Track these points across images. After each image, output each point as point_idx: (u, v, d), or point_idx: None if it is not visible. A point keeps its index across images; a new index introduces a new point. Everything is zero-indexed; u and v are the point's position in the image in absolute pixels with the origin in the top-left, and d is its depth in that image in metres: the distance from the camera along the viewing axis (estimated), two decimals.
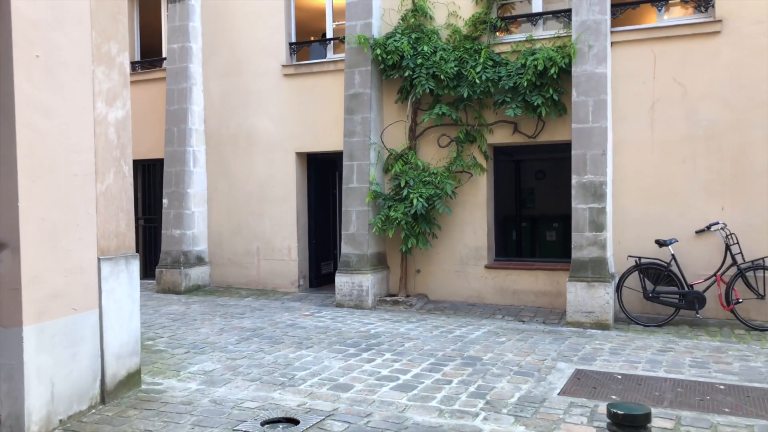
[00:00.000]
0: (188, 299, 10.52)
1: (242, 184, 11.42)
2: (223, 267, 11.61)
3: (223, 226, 11.60)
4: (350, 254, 9.85)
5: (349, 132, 10.00)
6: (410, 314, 9.22)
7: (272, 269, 11.21)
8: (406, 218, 9.27)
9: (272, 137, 11.19)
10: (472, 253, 9.83)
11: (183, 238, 11.22)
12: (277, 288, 11.17)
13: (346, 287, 9.74)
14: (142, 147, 12.20)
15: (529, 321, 8.77)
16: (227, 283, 11.58)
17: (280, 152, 11.12)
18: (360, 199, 9.84)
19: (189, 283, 11.18)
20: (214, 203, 11.69)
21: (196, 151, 11.50)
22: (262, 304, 10.03)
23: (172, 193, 11.38)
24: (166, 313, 9.22)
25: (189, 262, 11.25)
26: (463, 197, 9.79)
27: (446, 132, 9.80)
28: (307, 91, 10.91)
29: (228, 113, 11.53)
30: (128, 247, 5.59)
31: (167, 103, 11.55)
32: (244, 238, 11.41)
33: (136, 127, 12.71)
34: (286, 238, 11.09)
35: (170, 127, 11.49)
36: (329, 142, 10.71)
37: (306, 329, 8.10)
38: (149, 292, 11.22)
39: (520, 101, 9.16)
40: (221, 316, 9.00)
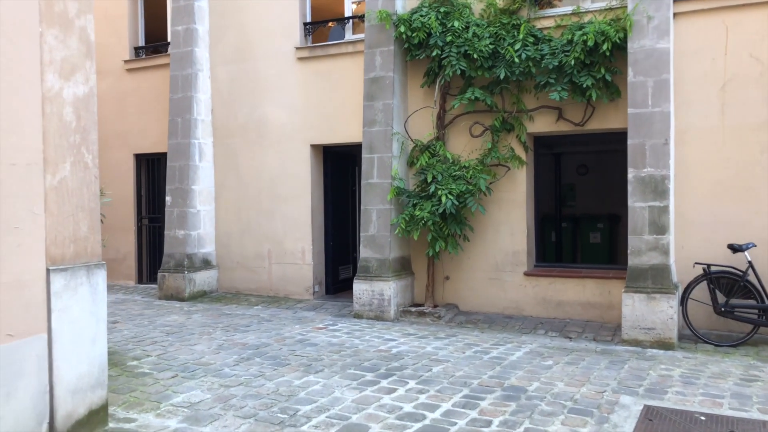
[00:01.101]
0: (191, 307, 9.48)
1: (252, 179, 10.36)
2: (232, 271, 10.56)
3: (232, 227, 10.55)
4: (370, 259, 8.72)
5: (369, 121, 8.86)
6: (438, 328, 8.06)
7: (285, 274, 10.12)
8: (433, 218, 8.11)
9: (285, 128, 10.10)
10: (509, 258, 8.62)
11: (187, 239, 10.19)
12: (290, 295, 10.08)
13: (365, 296, 8.61)
14: (146, 140, 11.23)
15: (577, 338, 7.55)
16: (236, 289, 10.53)
17: (293, 144, 10.03)
18: (381, 196, 8.70)
19: (194, 289, 10.15)
20: (222, 201, 10.65)
21: (202, 143, 10.46)
22: (271, 314, 8.94)
23: (175, 189, 10.36)
24: (162, 324, 8.19)
25: (194, 266, 10.22)
26: (498, 194, 8.59)
27: (479, 120, 8.61)
28: (323, 76, 9.79)
29: (237, 102, 10.47)
30: (91, 255, 4.52)
31: (171, 91, 10.53)
32: (255, 240, 10.34)
33: (139, 118, 11.88)
34: (299, 240, 9.99)
35: (174, 118, 10.47)
36: (348, 133, 9.58)
37: (317, 347, 6.98)
38: (151, 299, 10.22)
39: (566, 83, 7.93)
40: (223, 328, 7.93)
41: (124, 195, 11.61)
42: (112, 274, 11.75)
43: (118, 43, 11.65)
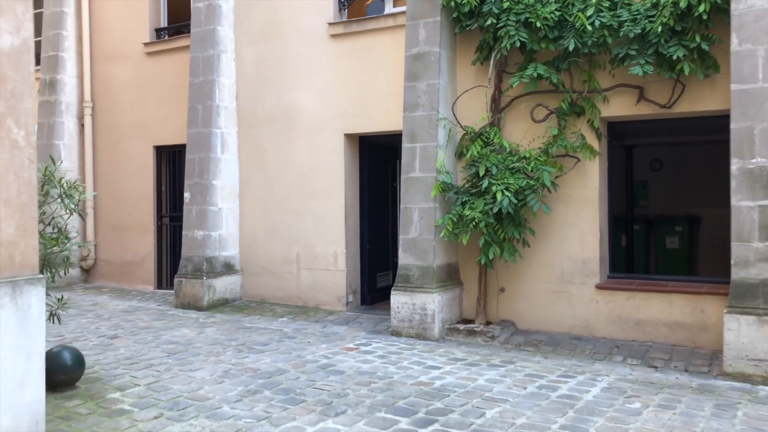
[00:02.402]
0: (207, 319, 8.34)
1: (280, 174, 9.16)
2: (257, 277, 9.40)
3: (257, 227, 9.38)
4: (410, 266, 7.40)
5: (411, 104, 7.54)
6: (491, 351, 6.69)
7: (315, 281, 8.89)
8: (486, 219, 6.75)
9: (316, 115, 8.87)
10: (577, 267, 7.18)
11: (207, 241, 9.06)
12: (321, 305, 8.84)
13: (405, 310, 7.30)
14: (166, 130, 10.19)
15: (663, 367, 6.09)
16: (261, 297, 9.35)
17: (325, 134, 8.79)
18: (424, 192, 7.37)
19: (213, 297, 9.02)
20: (246, 198, 9.49)
21: (224, 133, 9.33)
22: (296, 329, 7.72)
23: (194, 185, 9.25)
24: (167, 341, 7.05)
25: (214, 271, 9.09)
26: (565, 190, 7.16)
27: (543, 101, 7.19)
28: (360, 55, 8.52)
29: (264, 86, 9.30)
30: (20, 267, 3.36)
31: (191, 75, 9.43)
32: (282, 242, 9.15)
33: (160, 106, 10.47)
34: (331, 243, 8.74)
35: (194, 105, 9.36)
36: (387, 121, 8.29)
37: (343, 376, 5.70)
38: (166, 308, 9.13)
39: (650, 55, 6.45)
40: (236, 347, 6.74)
41: (142, 191, 10.60)
42: (130, 278, 10.76)
43: (138, 24, 10.64)
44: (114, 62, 10.95)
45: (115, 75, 10.93)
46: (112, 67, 10.96)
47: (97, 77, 11.14)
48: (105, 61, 11.07)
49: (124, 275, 10.86)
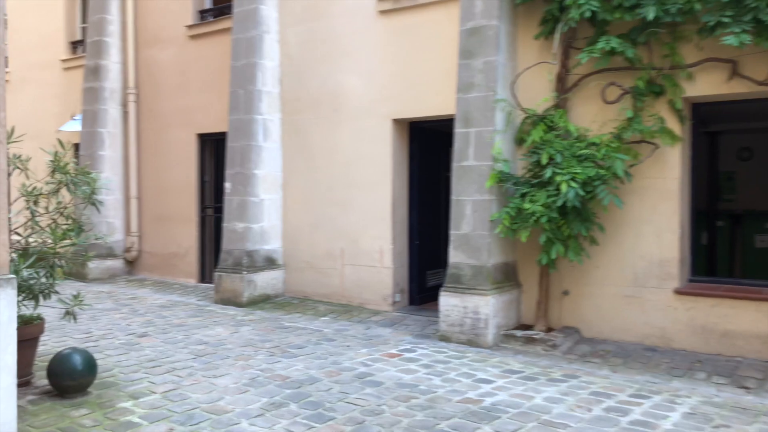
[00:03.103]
0: (245, 316, 7.83)
1: (324, 163, 8.56)
2: (301, 272, 8.84)
3: (301, 219, 8.82)
4: (461, 265, 6.66)
5: (465, 84, 6.79)
6: (552, 362, 5.90)
7: (359, 278, 8.26)
8: (548, 213, 5.96)
9: (362, 99, 8.21)
10: (653, 268, 6.29)
11: (248, 233, 8.55)
12: (365, 304, 8.21)
13: (455, 313, 6.58)
14: (210, 117, 9.75)
15: (757, 389, 5.18)
16: (304, 294, 8.79)
17: (372, 120, 8.13)
18: (478, 183, 6.62)
19: (254, 293, 8.50)
20: (289, 189, 8.94)
21: (267, 120, 8.79)
22: (337, 330, 7.11)
23: (235, 174, 8.75)
24: (198, 341, 6.55)
25: (255, 266, 8.57)
26: (641, 181, 6.28)
27: (616, 80, 6.32)
28: (410, 32, 7.81)
29: (308, 69, 8.70)
30: None
31: (232, 58, 8.92)
32: (325, 236, 8.55)
33: (202, 92, 9.88)
34: (377, 238, 8.09)
35: (235, 89, 8.85)
36: (439, 104, 7.56)
37: (380, 388, 5.04)
38: (205, 303, 8.68)
39: (748, 22, 5.50)
40: (269, 350, 6.17)
41: (185, 181, 10.20)
42: (173, 270, 10.41)
43: (182, 6, 10.22)
44: (157, 47, 10.58)
45: (159, 60, 10.57)
46: (156, 51, 10.60)
47: (141, 62, 10.80)
48: (149, 45, 10.72)
49: (168, 268, 10.52)
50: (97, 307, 8.27)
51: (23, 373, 4.87)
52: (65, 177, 4.82)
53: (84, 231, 5.12)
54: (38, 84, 12.61)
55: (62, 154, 4.89)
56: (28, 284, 4.77)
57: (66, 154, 4.92)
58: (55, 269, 4.85)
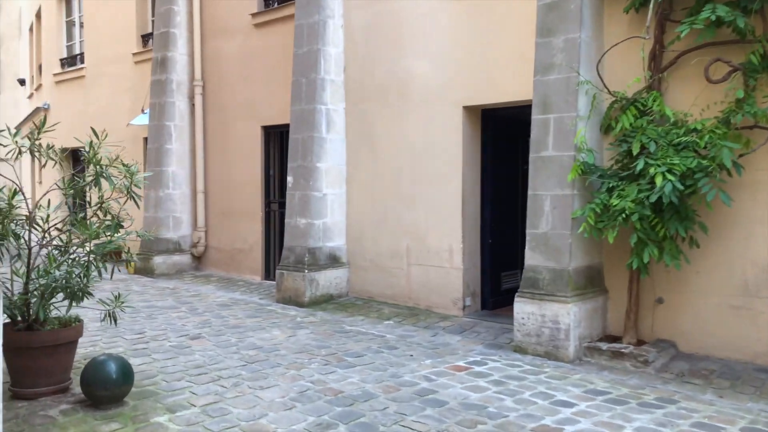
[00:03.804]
0: (305, 317, 7.39)
1: (390, 155, 8.01)
2: (365, 272, 8.33)
3: (366, 215, 8.30)
4: (539, 268, 5.95)
5: (544, 65, 6.05)
6: (643, 380, 5.12)
7: (427, 279, 7.67)
8: (640, 210, 5.17)
9: (430, 85, 7.60)
10: (766, 275, 5.38)
11: (310, 230, 8.12)
12: (433, 308, 7.60)
13: (532, 322, 5.88)
14: (274, 108, 9.38)
15: None
16: (369, 294, 8.28)
17: (441, 107, 7.50)
18: (558, 176, 5.88)
19: (316, 293, 8.06)
20: (354, 183, 8.44)
21: (331, 110, 8.31)
22: (400, 336, 6.55)
23: (297, 168, 8.33)
24: (251, 345, 6.14)
25: (317, 264, 8.13)
26: (753, 174, 5.37)
27: (723, 55, 5.42)
28: (483, 10, 7.12)
29: (374, 55, 8.16)
30: None
31: (295, 45, 8.49)
32: (391, 233, 8.00)
33: (267, 83, 9.45)
34: (446, 235, 7.46)
35: (297, 78, 8.42)
36: (515, 89, 6.84)
37: (442, 409, 4.44)
38: (267, 302, 8.32)
39: None
40: (324, 358, 5.68)
41: (251, 175, 9.89)
42: (238, 267, 10.14)
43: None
44: (223, 37, 10.31)
45: (224, 50, 10.30)
46: (221, 42, 10.34)
47: (208, 53, 10.58)
48: (215, 35, 10.47)
49: (233, 264, 10.26)
50: (157, 304, 8.05)
51: (60, 379, 4.58)
52: (99, 169, 4.45)
53: (122, 227, 4.76)
54: (112, 79, 12.67)
55: (97, 144, 4.52)
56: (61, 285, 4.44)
57: (100, 144, 4.53)
58: (90, 268, 4.50)
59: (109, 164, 4.49)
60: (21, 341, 4.41)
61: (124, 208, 4.78)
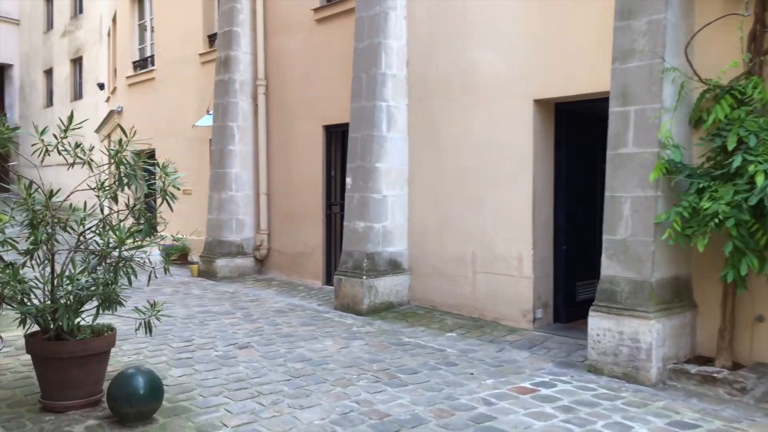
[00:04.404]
0: (362, 327, 6.97)
1: (454, 154, 7.48)
2: (427, 278, 7.84)
3: (428, 219, 7.81)
4: (616, 279, 5.29)
5: (623, 51, 5.38)
6: (740, 412, 4.41)
7: (493, 288, 7.09)
8: (737, 214, 4.45)
9: (498, 78, 7.02)
10: None
11: (369, 233, 7.70)
12: (500, 319, 7.02)
13: (608, 340, 5.23)
14: (336, 107, 9.03)
15: None
16: (431, 303, 7.78)
17: (509, 102, 6.92)
18: (639, 175, 5.20)
19: (375, 300, 7.63)
20: (416, 184, 7.96)
21: (392, 107, 7.86)
22: (462, 351, 6.01)
23: (356, 168, 7.93)
24: (300, 356, 5.75)
25: (376, 269, 7.70)
26: None
27: None
28: None
29: (438, 47, 7.66)
30: None
31: (355, 39, 8.11)
32: (455, 238, 7.47)
33: (329, 80, 9.07)
34: (515, 241, 6.87)
35: (357, 74, 8.03)
36: (592, 80, 6.18)
37: None
38: (325, 308, 7.96)
39: None
40: (375, 374, 5.23)
41: (312, 176, 9.58)
42: (299, 270, 9.85)
43: None
44: (285, 34, 10.06)
45: (286, 48, 10.04)
46: (284, 39, 10.09)
47: (270, 52, 10.36)
48: (277, 33, 10.24)
49: (295, 267, 9.98)
50: (213, 309, 7.83)
51: (90, 392, 4.32)
52: (125, 168, 4.16)
53: (156, 231, 4.46)
54: (179, 80, 12.71)
55: (125, 143, 4.23)
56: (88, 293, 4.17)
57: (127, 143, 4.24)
58: (119, 273, 4.21)
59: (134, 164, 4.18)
60: (49, 351, 4.18)
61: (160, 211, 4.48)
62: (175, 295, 8.80)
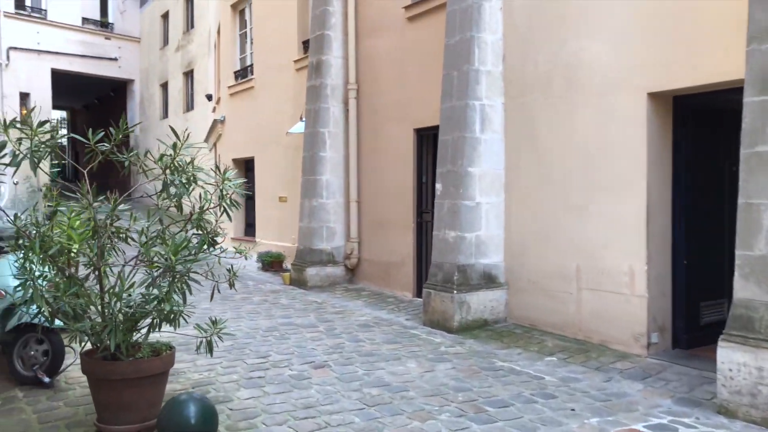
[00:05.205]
0: (451, 347, 6.34)
1: (556, 157, 6.72)
2: (525, 294, 7.10)
3: (526, 228, 7.07)
4: (754, 304, 4.37)
5: (762, 29, 4.47)
6: None
7: (601, 308, 6.25)
8: None
9: (606, 70, 6.21)
10: None
11: (460, 244, 7.07)
12: (609, 342, 6.17)
13: (743, 376, 4.33)
14: (427, 109, 8.49)
15: None
16: (530, 321, 7.03)
17: (619, 96, 6.09)
18: None
19: (467, 317, 6.99)
20: (513, 190, 7.25)
21: (486, 106, 7.21)
22: (563, 380, 5.26)
23: (446, 173, 7.33)
24: (378, 380, 5.22)
25: (468, 283, 7.06)
26: None
27: None
28: None
29: (537, 39, 6.93)
30: None
31: (446, 35, 7.52)
32: (557, 250, 6.69)
33: (420, 81, 8.55)
34: (626, 255, 6.01)
35: (448, 72, 7.44)
36: (722, 67, 5.25)
37: None
38: (413, 324, 7.41)
39: None
40: (460, 405, 4.60)
41: (402, 182, 9.07)
42: (390, 281, 9.37)
43: None
44: (376, 35, 9.63)
45: (377, 50, 9.61)
46: (375, 41, 9.66)
47: (362, 54, 9.96)
48: (369, 35, 9.83)
49: (385, 278, 9.50)
50: (296, 322, 7.47)
51: (146, 416, 3.99)
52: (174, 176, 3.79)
53: (216, 242, 4.08)
54: (276, 88, 12.62)
55: (179, 146, 3.87)
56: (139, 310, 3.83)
57: (180, 146, 3.87)
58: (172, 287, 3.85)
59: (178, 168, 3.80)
60: (101, 372, 3.89)
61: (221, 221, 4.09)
62: (262, 305, 8.55)
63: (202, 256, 3.96)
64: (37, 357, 4.89)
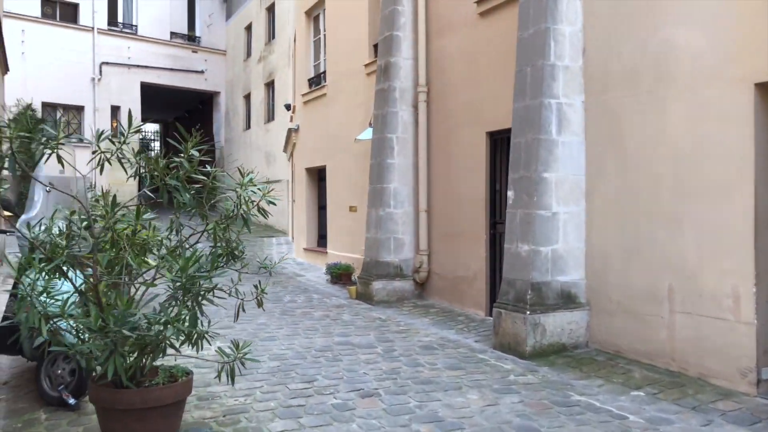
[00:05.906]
0: (520, 375, 5.62)
1: (645, 160, 5.88)
2: (609, 316, 6.27)
3: (611, 241, 6.25)
4: None
5: None
6: None
7: (698, 335, 5.36)
8: None
9: (700, 59, 5.35)
10: None
11: (534, 259, 6.33)
12: (708, 376, 5.27)
13: None
14: (501, 110, 7.83)
15: None
16: (615, 347, 6.19)
17: (717, 89, 5.21)
18: None
19: (541, 341, 6.24)
20: (595, 198, 6.44)
21: (563, 104, 6.45)
22: (652, 420, 4.46)
23: (519, 180, 6.61)
24: (431, 414, 4.59)
25: (543, 303, 6.31)
26: None
27: None
28: None
29: (621, 29, 6.13)
30: None
31: (519, 28, 6.82)
32: (645, 267, 5.84)
33: (493, 81, 7.89)
34: (729, 273, 5.11)
35: (521, 68, 6.73)
36: None
37: None
38: (483, 347, 6.72)
39: None
40: None
41: (474, 189, 8.39)
42: (461, 297, 8.70)
43: None
44: (447, 35, 9.02)
45: (448, 50, 8.99)
46: (445, 40, 9.05)
47: (432, 55, 9.37)
48: (439, 34, 9.23)
49: (456, 294, 8.84)
50: (354, 341, 6.94)
51: None
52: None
53: (239, 257, 3.60)
54: (347, 93, 12.24)
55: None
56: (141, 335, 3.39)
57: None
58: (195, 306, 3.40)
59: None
60: (106, 400, 3.48)
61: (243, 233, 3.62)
62: (322, 321, 8.09)
63: (220, 271, 3.49)
64: (63, 376, 4.59)
